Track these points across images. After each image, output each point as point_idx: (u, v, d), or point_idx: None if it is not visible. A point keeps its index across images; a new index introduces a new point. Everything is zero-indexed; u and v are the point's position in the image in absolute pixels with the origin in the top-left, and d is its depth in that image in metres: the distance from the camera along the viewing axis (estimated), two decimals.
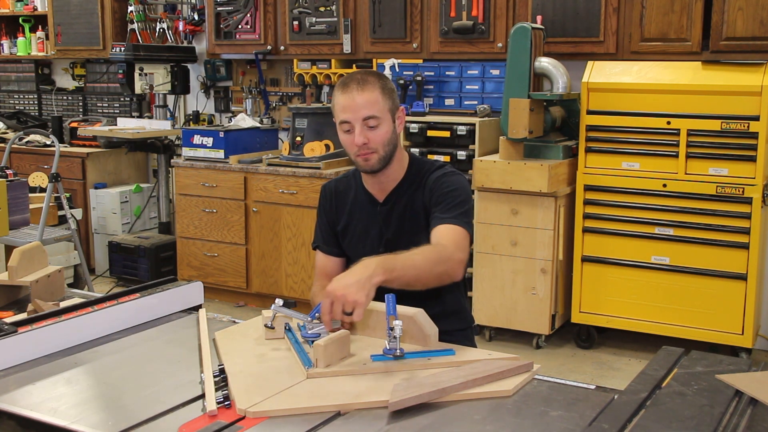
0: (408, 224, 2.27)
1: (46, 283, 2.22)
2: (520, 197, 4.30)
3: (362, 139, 2.14)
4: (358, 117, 2.14)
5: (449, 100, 4.98)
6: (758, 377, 1.61)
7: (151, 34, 6.04)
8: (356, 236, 2.34)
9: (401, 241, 2.25)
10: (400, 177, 2.30)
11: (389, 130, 2.18)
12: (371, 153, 2.17)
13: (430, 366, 1.71)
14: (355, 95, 2.14)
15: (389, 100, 2.18)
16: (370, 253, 2.27)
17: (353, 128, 2.15)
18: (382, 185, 2.29)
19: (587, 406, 1.55)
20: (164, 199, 5.96)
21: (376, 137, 2.16)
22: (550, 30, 4.43)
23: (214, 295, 5.30)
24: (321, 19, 5.18)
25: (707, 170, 4.05)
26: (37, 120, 6.66)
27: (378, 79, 2.18)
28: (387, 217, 2.30)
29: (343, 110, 2.16)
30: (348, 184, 2.38)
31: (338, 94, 2.18)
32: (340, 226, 2.36)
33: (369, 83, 2.15)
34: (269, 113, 5.74)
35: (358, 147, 2.16)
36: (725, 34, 4.08)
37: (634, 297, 4.27)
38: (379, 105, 2.15)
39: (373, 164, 2.19)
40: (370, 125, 2.15)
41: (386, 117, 2.17)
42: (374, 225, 2.31)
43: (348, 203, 2.36)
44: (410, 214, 2.27)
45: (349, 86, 2.15)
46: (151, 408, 1.52)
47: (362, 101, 2.13)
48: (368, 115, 2.14)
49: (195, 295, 2.19)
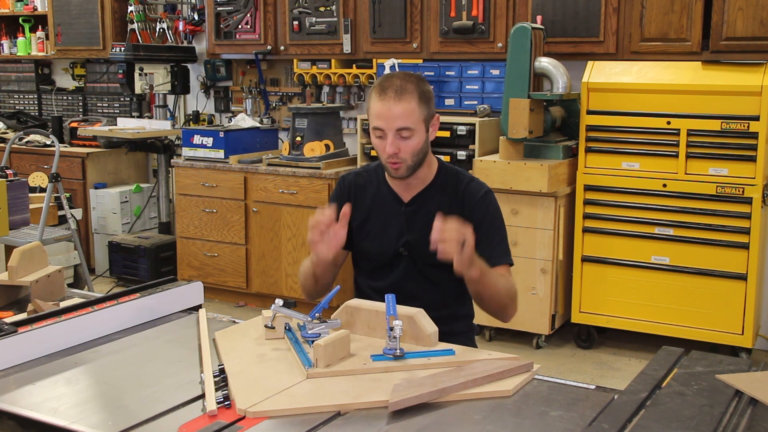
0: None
1: (46, 283, 2.21)
2: (520, 197, 4.30)
3: (393, 150, 2.14)
4: (392, 127, 2.12)
5: (449, 100, 4.98)
6: (758, 377, 1.61)
7: (151, 34, 6.04)
8: (373, 232, 2.31)
9: (422, 244, 2.25)
10: (428, 180, 2.29)
11: (421, 140, 2.17)
12: (401, 163, 2.17)
13: (430, 366, 1.71)
14: (392, 105, 2.11)
15: (425, 109, 2.16)
16: (387, 251, 2.28)
17: (386, 136, 2.14)
18: (409, 186, 2.28)
19: (587, 406, 1.55)
20: (164, 199, 5.96)
21: (407, 148, 2.15)
22: (550, 30, 4.43)
23: (214, 295, 5.30)
24: (321, 19, 5.18)
25: (707, 170, 4.05)
26: (37, 120, 6.66)
27: (416, 87, 2.15)
28: (411, 218, 2.28)
29: (378, 117, 2.14)
30: (369, 178, 2.35)
31: (375, 99, 2.15)
32: (357, 221, 2.32)
33: (407, 93, 2.12)
34: (269, 113, 5.74)
35: (388, 155, 2.15)
36: (725, 34, 4.08)
37: (634, 297, 4.27)
38: (414, 117, 2.13)
39: (402, 173, 2.19)
40: (403, 135, 2.13)
41: (420, 128, 2.15)
42: (395, 224, 2.29)
43: (368, 198, 2.33)
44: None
45: (387, 93, 2.12)
46: (151, 408, 1.52)
47: (398, 112, 2.11)
48: (402, 127, 2.12)
49: (195, 295, 2.19)
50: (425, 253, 2.25)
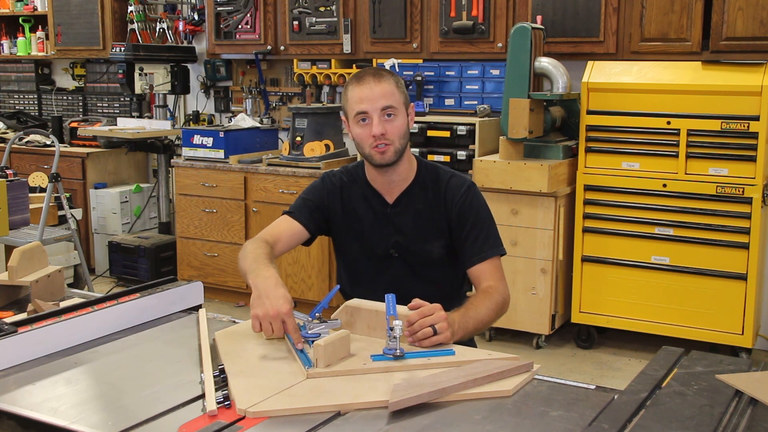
0: (422, 230, 2.26)
1: (46, 283, 2.21)
2: (520, 197, 4.30)
3: (381, 129, 2.13)
4: (377, 107, 2.13)
5: (449, 100, 4.98)
6: (758, 377, 1.61)
7: (151, 34, 6.04)
8: (360, 234, 2.30)
9: (413, 244, 2.26)
10: (410, 178, 2.27)
11: (404, 123, 2.18)
12: (388, 145, 2.15)
13: (430, 366, 1.71)
14: (373, 86, 2.13)
15: (402, 94, 2.19)
16: (378, 253, 2.27)
17: (371, 118, 2.13)
18: (392, 185, 2.26)
19: (587, 406, 1.55)
20: (164, 199, 5.96)
21: (393, 129, 2.15)
22: (550, 30, 4.43)
23: (214, 295, 5.30)
24: (321, 19, 5.18)
25: (707, 170, 4.05)
26: (37, 120, 6.66)
27: (391, 74, 2.20)
28: (398, 219, 2.27)
29: (360, 101, 2.14)
30: (351, 179, 2.33)
31: (353, 87, 2.17)
32: (341, 223, 2.32)
33: (384, 76, 2.16)
34: (269, 113, 5.74)
35: (375, 138, 2.13)
36: (725, 34, 4.08)
37: (634, 297, 4.27)
38: (395, 96, 2.15)
39: (389, 156, 2.17)
40: (389, 114, 2.14)
41: (402, 110, 2.17)
42: (383, 226, 2.28)
43: (352, 200, 2.31)
44: (425, 220, 2.25)
45: (365, 78, 2.15)
46: (151, 408, 1.52)
47: (380, 91, 2.13)
48: (386, 105, 2.13)
49: (195, 295, 2.19)
50: (416, 252, 2.26)
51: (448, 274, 2.31)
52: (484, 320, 2.03)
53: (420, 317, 1.80)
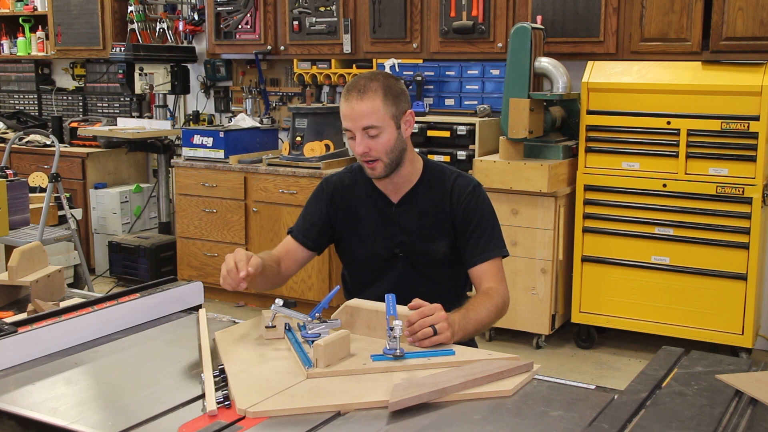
0: (427, 230, 2.26)
1: (46, 283, 2.21)
2: (520, 197, 4.30)
3: (363, 148, 2.13)
4: (358, 127, 2.12)
5: (449, 100, 4.98)
6: (758, 377, 1.61)
7: (151, 34, 6.04)
8: (365, 236, 2.30)
9: (418, 244, 2.26)
10: (415, 178, 2.27)
11: (392, 137, 2.15)
12: (375, 161, 2.15)
13: (430, 366, 1.71)
14: (355, 104, 2.11)
15: (392, 106, 2.14)
16: (383, 253, 2.27)
17: (355, 136, 2.14)
18: (396, 186, 2.27)
19: (587, 406, 1.55)
20: (164, 199, 5.96)
21: (377, 146, 2.13)
22: (550, 30, 4.43)
23: (214, 295, 5.29)
24: (321, 19, 5.18)
25: (707, 170, 4.05)
26: (37, 120, 6.66)
27: (381, 85, 2.13)
28: (403, 219, 2.27)
29: (345, 118, 2.15)
30: (353, 179, 2.33)
31: (342, 101, 2.17)
32: (344, 224, 2.31)
33: (370, 90, 2.11)
34: (269, 113, 5.74)
35: (359, 155, 2.15)
36: (725, 34, 4.08)
37: (634, 297, 4.27)
38: (378, 114, 2.11)
39: (378, 172, 2.18)
40: (371, 134, 2.12)
41: (388, 124, 2.13)
42: (387, 226, 2.28)
43: (356, 199, 2.31)
44: (430, 220, 2.25)
45: (351, 94, 2.12)
46: (151, 408, 1.52)
47: (361, 111, 2.10)
48: (367, 125, 2.11)
49: (195, 295, 2.19)
50: (421, 252, 2.27)
51: (453, 274, 2.32)
52: (483, 321, 2.04)
53: (420, 317, 1.80)
